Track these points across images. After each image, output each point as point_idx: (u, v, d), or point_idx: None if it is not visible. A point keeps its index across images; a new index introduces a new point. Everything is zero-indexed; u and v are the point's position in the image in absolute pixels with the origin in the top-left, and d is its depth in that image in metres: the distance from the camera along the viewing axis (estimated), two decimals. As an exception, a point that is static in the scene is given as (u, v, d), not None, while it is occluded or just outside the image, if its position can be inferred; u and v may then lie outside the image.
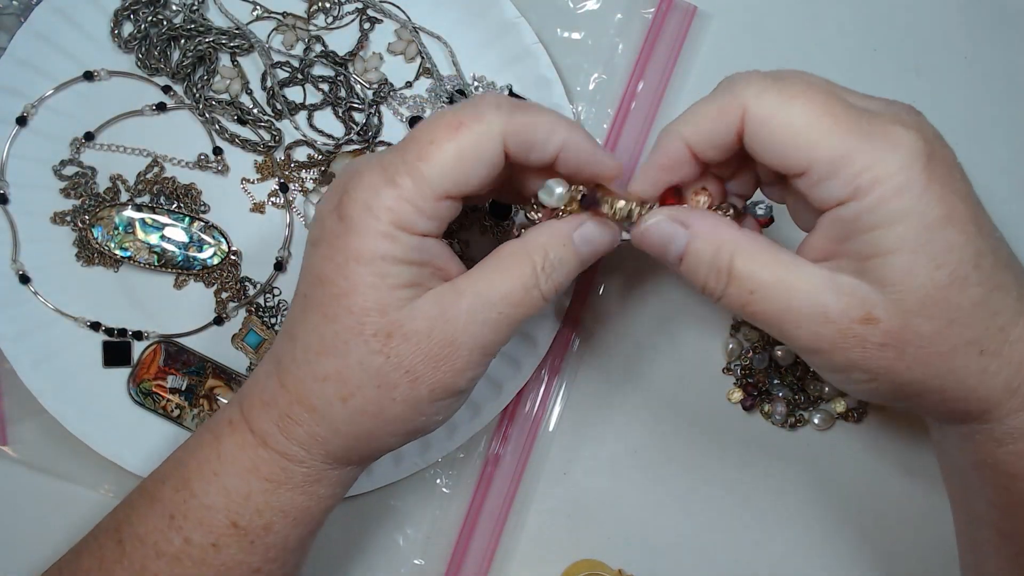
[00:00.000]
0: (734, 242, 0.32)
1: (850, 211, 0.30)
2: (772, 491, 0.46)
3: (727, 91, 0.32)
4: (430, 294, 0.33)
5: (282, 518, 0.34)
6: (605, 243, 0.35)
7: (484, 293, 0.33)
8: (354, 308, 0.32)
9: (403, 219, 0.32)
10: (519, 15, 0.46)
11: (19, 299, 0.44)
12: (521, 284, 0.33)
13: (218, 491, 0.34)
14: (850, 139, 0.29)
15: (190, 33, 0.46)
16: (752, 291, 0.31)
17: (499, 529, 0.46)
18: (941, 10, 0.49)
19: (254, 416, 0.34)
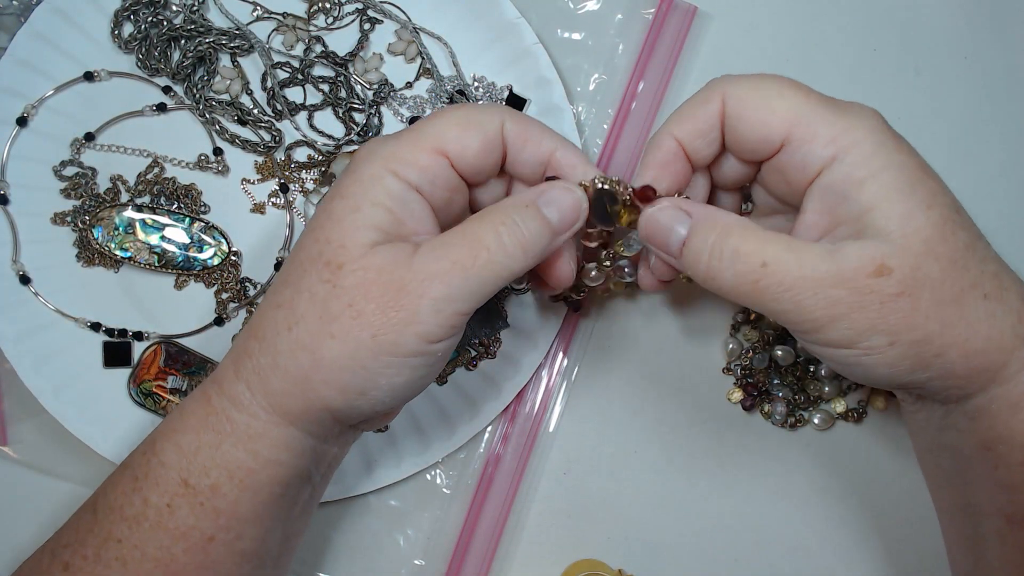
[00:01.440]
0: (738, 224, 0.33)
1: (836, 173, 0.31)
2: (772, 491, 0.46)
3: (708, 87, 0.35)
4: (396, 244, 0.33)
5: (228, 479, 0.34)
6: (570, 206, 0.34)
7: (440, 245, 0.33)
8: (320, 237, 0.33)
9: (392, 164, 0.33)
10: (519, 15, 0.46)
11: (20, 300, 0.44)
12: (478, 239, 0.33)
13: (173, 448, 0.35)
14: (825, 107, 0.32)
15: (190, 34, 0.46)
16: (764, 263, 0.31)
17: (499, 529, 0.46)
18: (941, 10, 0.49)
19: (221, 364, 0.35)
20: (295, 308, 0.33)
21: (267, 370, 0.34)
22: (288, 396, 0.33)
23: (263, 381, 0.34)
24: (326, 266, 0.33)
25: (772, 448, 0.47)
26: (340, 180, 0.34)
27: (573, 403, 0.47)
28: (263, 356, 0.34)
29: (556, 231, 0.34)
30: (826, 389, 0.46)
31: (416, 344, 0.32)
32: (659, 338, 0.47)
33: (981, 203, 0.48)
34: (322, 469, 0.37)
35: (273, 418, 0.34)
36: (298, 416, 0.34)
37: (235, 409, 0.34)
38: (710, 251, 0.33)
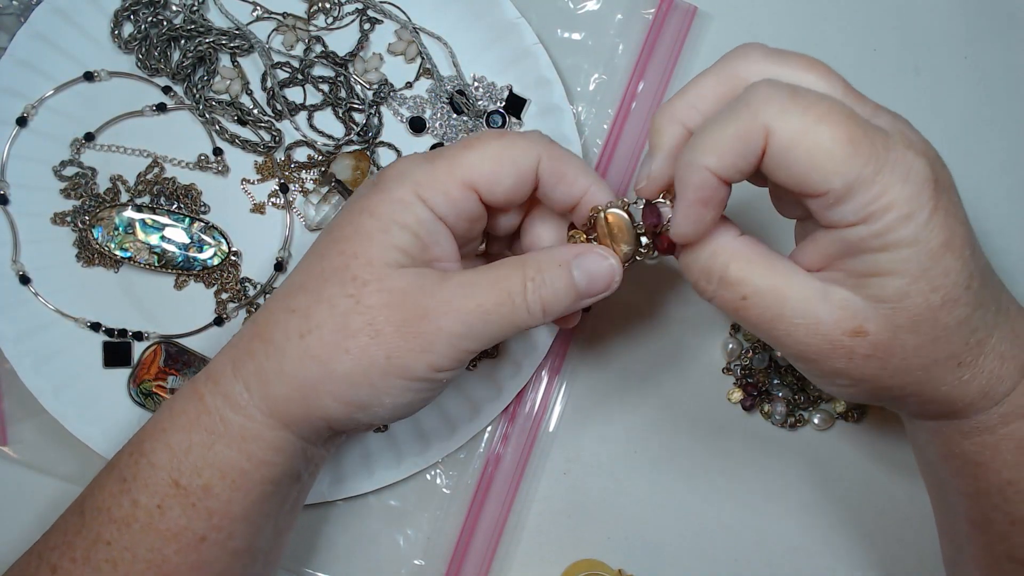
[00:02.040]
0: (731, 247, 0.32)
1: (857, 233, 0.30)
2: (772, 491, 0.46)
3: (745, 109, 0.30)
4: (420, 269, 0.33)
5: (220, 479, 0.34)
6: (602, 276, 0.34)
7: (468, 284, 0.33)
8: (346, 250, 0.33)
9: (424, 191, 0.33)
10: (519, 15, 0.46)
11: (20, 300, 0.44)
12: (506, 288, 0.33)
13: (163, 448, 0.34)
14: (868, 167, 0.29)
15: (190, 34, 0.46)
16: (745, 297, 0.32)
17: (499, 529, 0.46)
18: (941, 10, 0.49)
19: (216, 360, 0.35)
20: (311, 316, 0.33)
21: (271, 374, 0.33)
22: (289, 402, 0.33)
23: (264, 384, 0.34)
24: (352, 281, 0.33)
25: (772, 448, 0.47)
26: (368, 196, 0.34)
27: (573, 403, 0.47)
28: (268, 359, 0.34)
29: (581, 296, 0.34)
30: None
31: (425, 371, 0.33)
32: (659, 338, 0.47)
33: (981, 203, 0.48)
34: (311, 469, 0.37)
35: (269, 421, 0.34)
36: (295, 422, 0.34)
37: (230, 409, 0.34)
38: (699, 272, 0.33)
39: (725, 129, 0.30)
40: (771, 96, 0.30)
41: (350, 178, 0.45)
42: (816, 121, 0.29)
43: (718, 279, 0.32)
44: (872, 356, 0.31)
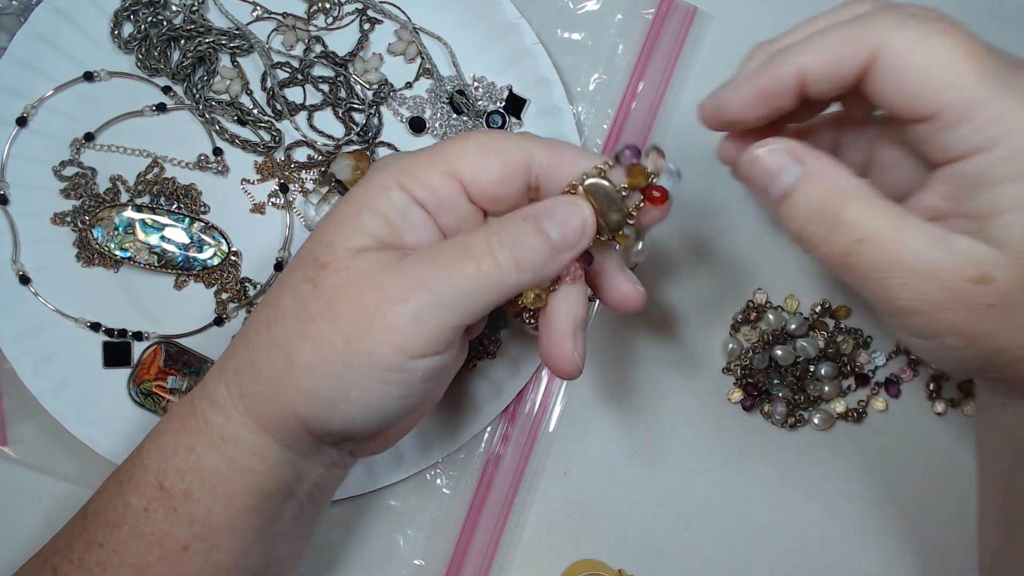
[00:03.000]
0: (850, 187, 0.30)
1: (974, 165, 0.28)
2: (772, 491, 0.46)
3: (861, 22, 0.28)
4: (383, 250, 0.31)
5: (200, 483, 0.32)
6: (573, 222, 0.31)
7: (430, 254, 0.31)
8: (315, 237, 0.33)
9: (404, 177, 0.32)
10: (519, 16, 0.46)
11: (19, 300, 0.44)
12: (470, 251, 0.30)
13: (155, 450, 0.34)
14: (989, 84, 0.27)
15: (190, 34, 0.46)
16: (861, 240, 0.29)
17: (499, 529, 0.46)
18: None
19: (214, 364, 0.35)
20: (277, 305, 0.32)
21: (244, 369, 0.32)
22: (260, 398, 0.32)
23: (240, 380, 0.33)
24: (312, 264, 0.32)
25: (772, 448, 0.47)
26: (354, 187, 0.34)
27: (573, 403, 0.47)
28: (243, 354, 0.33)
29: (556, 249, 0.31)
30: (826, 389, 0.46)
31: (393, 356, 0.30)
32: (659, 338, 0.47)
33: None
34: (306, 487, 0.35)
35: (247, 421, 0.33)
36: (270, 422, 0.32)
37: (212, 409, 0.33)
38: (811, 214, 0.30)
39: (831, 32, 0.29)
40: (889, 12, 0.28)
41: (350, 178, 0.45)
42: (933, 33, 0.27)
43: (833, 220, 0.29)
44: (994, 307, 0.28)
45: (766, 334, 0.46)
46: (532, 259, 0.31)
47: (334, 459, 0.36)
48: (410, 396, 0.31)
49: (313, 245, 0.32)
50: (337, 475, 0.37)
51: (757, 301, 0.47)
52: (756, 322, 0.47)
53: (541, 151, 0.33)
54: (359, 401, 0.31)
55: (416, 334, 0.30)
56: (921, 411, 0.47)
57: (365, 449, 0.37)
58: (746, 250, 0.47)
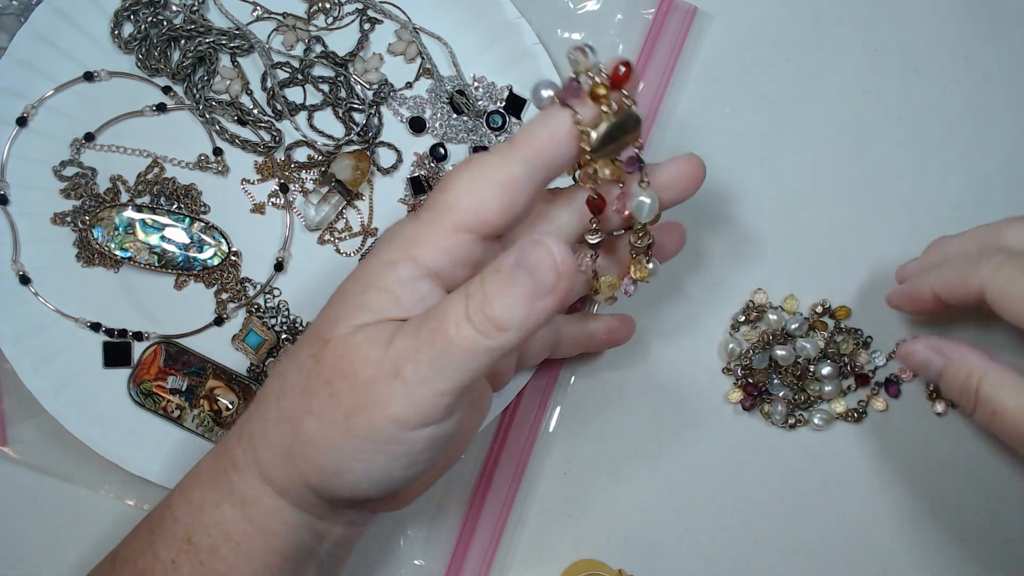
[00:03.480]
0: (982, 368, 0.37)
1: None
2: (772, 491, 0.46)
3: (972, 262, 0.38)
4: (382, 323, 0.31)
5: (225, 540, 0.33)
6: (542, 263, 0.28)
7: (414, 323, 0.30)
8: (323, 313, 0.33)
9: (414, 247, 0.32)
10: (519, 16, 0.46)
11: (19, 300, 0.44)
12: (446, 314, 0.29)
13: (184, 503, 0.34)
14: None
15: (190, 34, 0.46)
16: (994, 412, 0.36)
17: (499, 529, 0.46)
18: (941, 10, 0.49)
19: (234, 426, 0.35)
20: (286, 378, 0.33)
21: (258, 437, 0.33)
22: (274, 467, 0.33)
23: (254, 447, 0.33)
24: (316, 341, 0.32)
25: (772, 448, 0.47)
26: (361, 263, 0.34)
27: (573, 403, 0.47)
28: (257, 422, 0.33)
29: (534, 295, 0.29)
30: (826, 389, 0.46)
31: (390, 429, 0.30)
32: (659, 338, 0.47)
33: (982, 203, 0.48)
34: (327, 546, 0.36)
35: (265, 487, 0.33)
36: (285, 488, 0.33)
37: (233, 469, 0.34)
38: (959, 390, 0.38)
39: (951, 267, 0.39)
40: (995, 253, 0.38)
41: (350, 178, 0.45)
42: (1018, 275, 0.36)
43: (974, 398, 0.37)
44: None
45: (766, 334, 0.46)
46: (511, 314, 0.29)
47: (352, 518, 0.36)
48: (413, 465, 0.32)
49: (320, 322, 0.33)
50: (356, 532, 0.37)
51: (757, 301, 0.47)
52: (756, 322, 0.47)
53: (522, 149, 0.32)
54: (363, 472, 0.31)
55: (408, 406, 0.30)
56: (921, 411, 0.47)
57: (383, 507, 0.37)
58: (745, 250, 0.47)
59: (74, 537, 0.45)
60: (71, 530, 0.45)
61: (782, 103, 0.49)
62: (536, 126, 0.32)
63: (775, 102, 0.49)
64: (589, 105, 0.32)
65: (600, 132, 0.32)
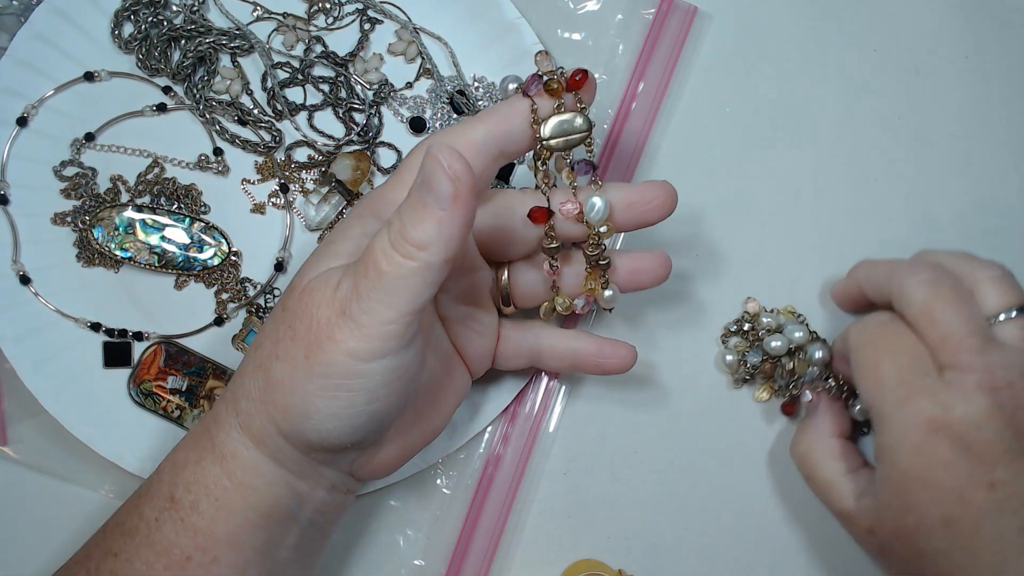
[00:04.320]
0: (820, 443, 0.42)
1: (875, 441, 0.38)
2: (772, 491, 0.46)
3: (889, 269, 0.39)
4: (341, 267, 0.33)
5: (205, 495, 0.34)
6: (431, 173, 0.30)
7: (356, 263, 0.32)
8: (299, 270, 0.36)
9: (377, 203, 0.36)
10: (519, 16, 0.46)
11: (20, 300, 0.44)
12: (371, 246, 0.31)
13: (169, 464, 0.36)
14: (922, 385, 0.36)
15: (190, 34, 0.46)
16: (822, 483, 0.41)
17: (499, 529, 0.46)
18: (941, 10, 0.49)
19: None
20: (263, 331, 0.35)
21: (238, 390, 0.35)
22: (251, 416, 0.34)
23: (235, 400, 0.35)
24: (287, 293, 0.35)
25: (772, 448, 0.46)
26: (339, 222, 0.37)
27: (573, 403, 0.47)
28: (238, 376, 0.35)
29: (439, 206, 0.30)
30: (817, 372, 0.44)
31: (346, 363, 0.31)
32: (659, 338, 0.47)
33: (982, 204, 0.48)
34: (307, 512, 0.36)
35: (243, 439, 0.34)
36: (261, 438, 0.34)
37: (216, 427, 0.35)
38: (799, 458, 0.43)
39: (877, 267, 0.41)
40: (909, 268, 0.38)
41: (350, 178, 0.45)
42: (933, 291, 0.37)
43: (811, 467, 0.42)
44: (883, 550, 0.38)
45: (755, 331, 0.46)
46: (425, 234, 0.30)
47: (334, 481, 0.37)
48: (375, 400, 0.32)
49: (296, 275, 0.35)
50: (340, 501, 0.38)
51: (749, 311, 0.46)
52: (749, 333, 0.46)
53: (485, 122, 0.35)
54: (327, 411, 0.32)
55: (360, 339, 0.31)
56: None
57: (365, 470, 0.38)
58: (745, 249, 0.47)
59: (74, 537, 0.45)
60: (71, 530, 0.45)
61: (782, 103, 0.49)
62: (499, 106, 0.36)
63: (775, 102, 0.49)
64: (546, 100, 0.36)
65: (551, 123, 0.36)
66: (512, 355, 0.42)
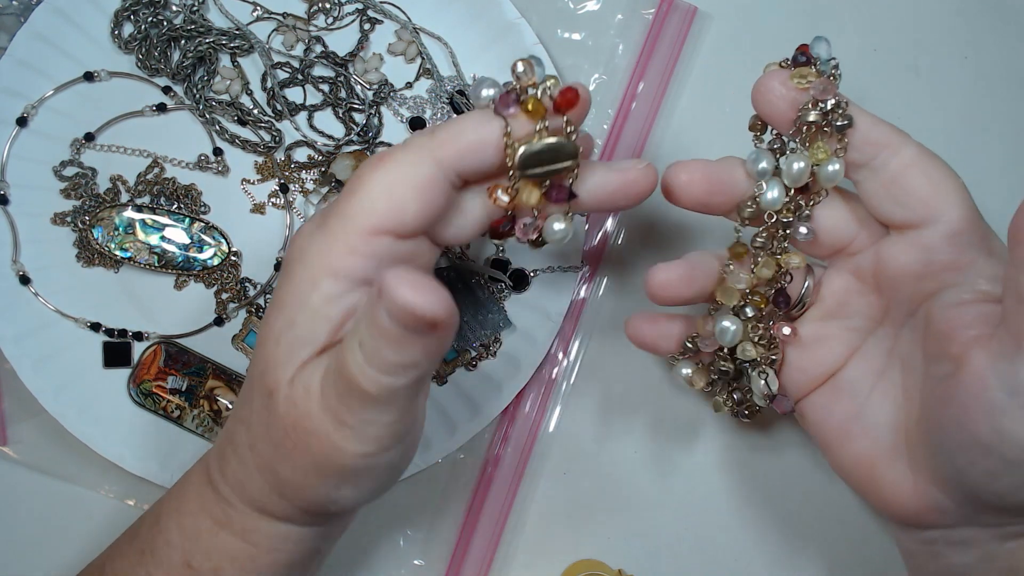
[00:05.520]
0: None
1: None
2: (772, 491, 0.46)
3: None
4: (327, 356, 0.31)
5: (230, 563, 0.33)
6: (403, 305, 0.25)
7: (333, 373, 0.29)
8: (260, 355, 0.31)
9: (329, 259, 0.30)
10: (519, 16, 0.46)
11: (19, 300, 0.44)
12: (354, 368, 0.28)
13: (177, 528, 0.34)
14: None
15: (190, 34, 0.46)
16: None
17: (499, 529, 0.46)
18: (941, 10, 0.49)
19: (209, 454, 0.35)
20: (251, 427, 0.32)
21: (244, 480, 0.33)
22: (270, 503, 0.33)
23: (242, 489, 0.33)
24: (265, 393, 0.31)
25: (773, 449, 0.47)
26: (278, 286, 0.31)
27: (573, 403, 0.47)
28: (238, 466, 0.33)
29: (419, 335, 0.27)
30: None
31: (359, 463, 0.30)
32: (659, 338, 0.47)
33: (982, 204, 0.48)
34: (330, 542, 0.37)
35: (263, 518, 0.33)
36: (286, 515, 0.33)
37: (228, 505, 0.33)
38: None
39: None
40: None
41: (350, 178, 0.45)
42: None
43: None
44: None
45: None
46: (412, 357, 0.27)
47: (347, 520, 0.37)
48: (392, 477, 0.33)
49: (261, 365, 0.31)
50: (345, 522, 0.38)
51: None
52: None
53: (443, 150, 0.30)
54: (348, 495, 0.32)
55: (366, 444, 0.30)
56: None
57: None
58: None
59: (74, 537, 0.45)
60: (71, 530, 0.45)
61: (782, 103, 0.49)
62: (464, 128, 0.31)
63: (775, 102, 0.49)
64: (524, 120, 0.30)
65: (523, 153, 0.30)
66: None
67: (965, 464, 0.31)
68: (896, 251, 0.34)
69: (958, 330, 0.31)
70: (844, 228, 0.35)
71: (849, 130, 0.33)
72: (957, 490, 0.32)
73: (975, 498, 0.32)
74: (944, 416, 0.31)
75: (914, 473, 0.33)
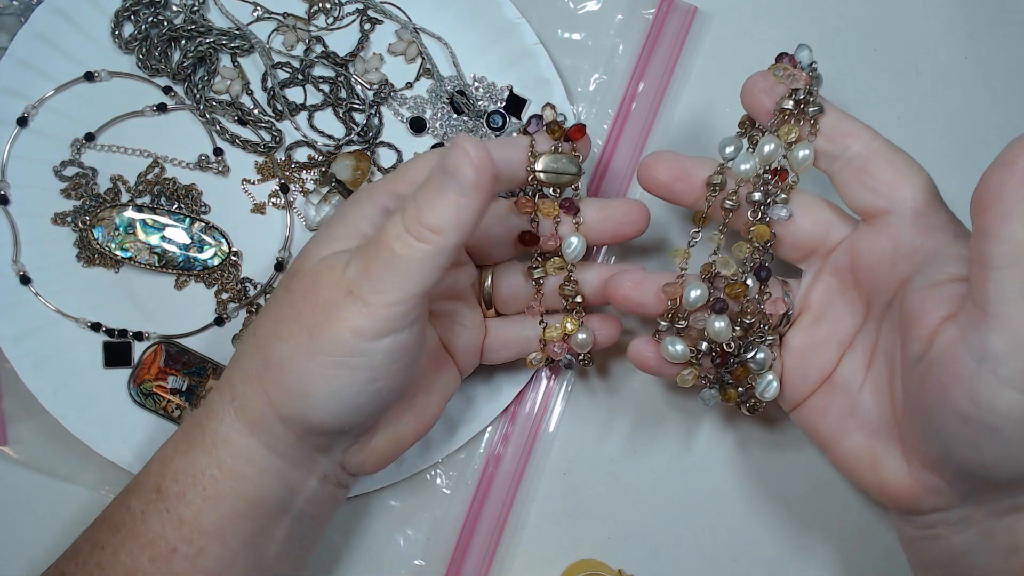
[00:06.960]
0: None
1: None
2: (773, 491, 0.46)
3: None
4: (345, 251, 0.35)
5: (192, 485, 0.34)
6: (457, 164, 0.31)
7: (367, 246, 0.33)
8: (299, 254, 0.36)
9: (376, 192, 0.36)
10: (519, 16, 0.46)
11: (20, 300, 0.44)
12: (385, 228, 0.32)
13: (158, 456, 0.36)
14: None
15: (191, 34, 0.46)
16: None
17: (499, 529, 0.46)
18: (941, 10, 0.49)
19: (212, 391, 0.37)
20: (263, 313, 0.35)
21: (234, 375, 0.35)
22: (247, 399, 0.34)
23: (231, 386, 0.35)
24: (289, 275, 0.35)
25: (772, 448, 0.47)
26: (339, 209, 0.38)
27: (573, 403, 0.47)
28: (235, 362, 0.36)
29: (459, 194, 0.31)
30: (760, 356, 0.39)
31: (351, 340, 0.32)
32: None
33: (981, 203, 0.48)
34: (299, 503, 0.36)
35: (237, 425, 0.35)
36: (257, 421, 0.34)
37: (208, 417, 0.35)
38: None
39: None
40: None
41: (350, 178, 0.45)
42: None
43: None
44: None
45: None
46: (441, 219, 0.31)
47: (326, 471, 0.37)
48: (376, 380, 0.33)
49: (296, 259, 0.36)
50: (331, 494, 0.38)
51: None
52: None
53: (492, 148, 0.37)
54: (328, 389, 0.33)
55: (366, 318, 0.32)
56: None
57: (356, 460, 0.38)
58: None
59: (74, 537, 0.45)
60: (71, 530, 0.45)
61: (782, 103, 0.49)
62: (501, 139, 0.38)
63: (775, 102, 0.49)
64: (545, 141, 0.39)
65: (545, 159, 0.39)
66: (500, 347, 0.42)
67: (950, 439, 0.31)
68: (868, 240, 0.35)
69: (929, 310, 0.32)
70: (821, 225, 0.37)
71: (820, 116, 0.36)
72: (948, 468, 0.33)
73: (965, 473, 0.32)
74: (924, 395, 0.32)
75: (907, 459, 0.35)
